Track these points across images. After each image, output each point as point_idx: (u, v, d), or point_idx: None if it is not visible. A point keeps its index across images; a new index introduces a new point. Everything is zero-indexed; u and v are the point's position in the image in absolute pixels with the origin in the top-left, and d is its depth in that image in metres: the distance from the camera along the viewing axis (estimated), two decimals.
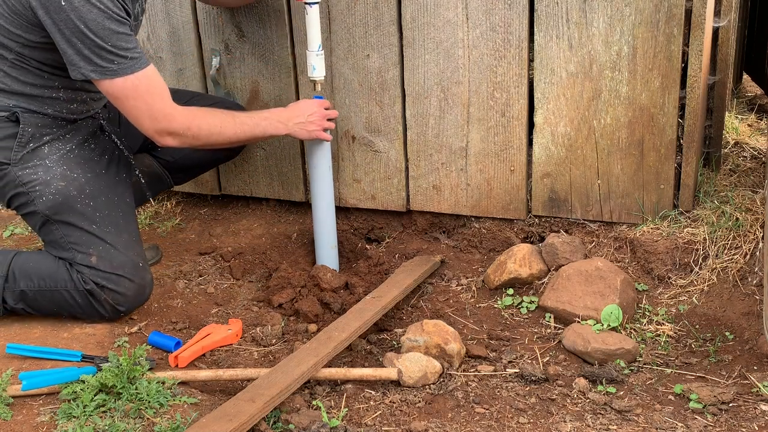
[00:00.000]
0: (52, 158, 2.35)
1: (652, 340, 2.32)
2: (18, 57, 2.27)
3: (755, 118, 3.55)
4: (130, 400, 1.99)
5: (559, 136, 2.61)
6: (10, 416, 1.96)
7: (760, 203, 2.54)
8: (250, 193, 3.11)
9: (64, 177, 2.34)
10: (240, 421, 1.82)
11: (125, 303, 2.36)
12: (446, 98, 2.69)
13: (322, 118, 2.56)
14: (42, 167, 2.33)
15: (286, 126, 2.51)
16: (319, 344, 2.19)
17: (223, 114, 2.41)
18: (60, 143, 2.38)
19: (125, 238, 2.39)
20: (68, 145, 2.39)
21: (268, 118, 2.49)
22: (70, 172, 2.36)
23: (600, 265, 2.45)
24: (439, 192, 2.82)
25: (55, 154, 2.36)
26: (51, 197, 2.32)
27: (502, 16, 2.53)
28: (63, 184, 2.33)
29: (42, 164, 2.34)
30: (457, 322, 2.49)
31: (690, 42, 2.39)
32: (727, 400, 2.00)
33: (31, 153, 2.34)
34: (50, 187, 2.33)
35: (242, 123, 2.43)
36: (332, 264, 2.76)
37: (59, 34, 2.15)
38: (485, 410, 2.04)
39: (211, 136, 2.38)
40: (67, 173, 2.35)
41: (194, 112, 2.36)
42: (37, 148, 2.34)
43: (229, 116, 2.41)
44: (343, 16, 2.71)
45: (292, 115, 2.52)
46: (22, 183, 2.33)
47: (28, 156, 2.33)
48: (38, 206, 2.33)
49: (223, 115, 2.41)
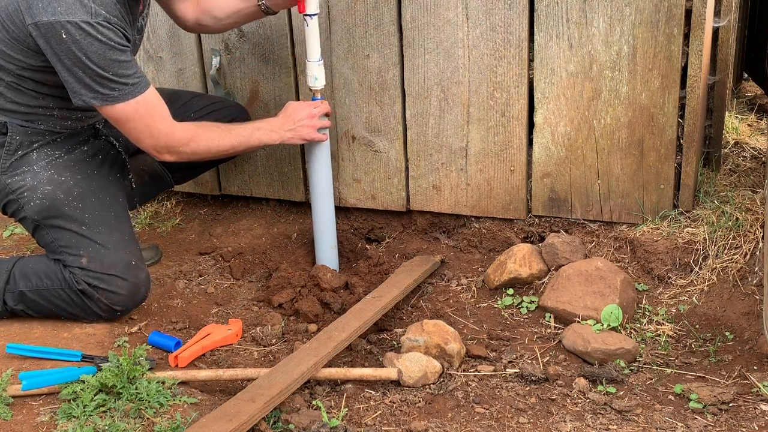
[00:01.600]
0: (40, 164, 2.37)
1: (652, 340, 2.32)
2: (15, 79, 2.28)
3: (755, 118, 3.55)
4: (130, 400, 1.99)
5: (559, 136, 2.61)
6: (10, 416, 1.96)
7: (760, 203, 2.54)
8: (250, 193, 3.11)
9: (51, 181, 2.36)
10: (240, 421, 1.82)
11: (120, 302, 2.36)
12: (446, 98, 2.69)
13: (312, 119, 2.56)
14: (30, 173, 2.35)
15: (278, 134, 2.53)
16: (319, 344, 2.19)
17: (219, 129, 2.43)
18: (49, 148, 2.39)
19: (117, 237, 2.39)
20: (58, 150, 2.41)
21: (262, 128, 2.51)
22: (58, 176, 2.37)
23: (600, 265, 2.45)
24: (439, 192, 2.82)
25: (43, 160, 2.37)
26: (38, 202, 2.34)
27: (502, 16, 2.53)
28: (50, 188, 2.35)
29: (30, 170, 2.36)
30: (457, 322, 2.49)
31: (690, 42, 2.39)
32: (727, 400, 2.00)
33: (19, 160, 2.36)
34: (37, 192, 2.34)
35: (238, 135, 2.46)
36: (332, 264, 2.76)
37: (60, 63, 2.16)
38: (485, 410, 2.04)
39: (209, 151, 2.43)
40: (54, 177, 2.36)
41: (192, 129, 2.38)
42: (26, 154, 2.36)
43: (225, 130, 2.44)
44: (343, 16, 2.71)
45: (283, 123, 2.54)
46: (12, 190, 2.36)
47: (16, 163, 2.36)
48: (27, 212, 2.36)
49: (219, 129, 2.43)
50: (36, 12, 2.12)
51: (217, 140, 2.41)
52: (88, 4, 2.11)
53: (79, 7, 2.10)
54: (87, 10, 2.11)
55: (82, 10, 2.10)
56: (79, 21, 2.10)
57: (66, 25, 2.09)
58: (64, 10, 2.09)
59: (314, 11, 2.48)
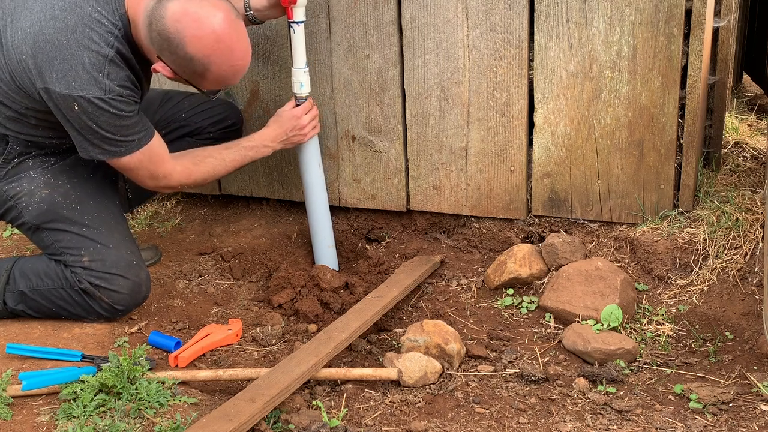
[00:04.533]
0: (37, 169, 2.38)
1: (652, 340, 2.32)
2: (16, 114, 2.29)
3: (755, 118, 3.55)
4: (130, 400, 1.99)
5: (559, 136, 2.61)
6: (10, 416, 1.96)
7: (760, 203, 2.54)
8: (250, 193, 3.11)
9: (48, 185, 2.37)
10: (240, 421, 1.82)
11: (122, 301, 2.36)
12: (446, 98, 2.69)
13: (303, 129, 2.59)
14: (26, 179, 2.37)
15: (270, 148, 2.57)
16: (319, 344, 2.19)
17: (213, 160, 2.47)
18: (45, 156, 2.41)
19: (117, 237, 2.40)
20: (53, 157, 2.43)
21: (254, 147, 2.54)
22: (54, 180, 2.38)
23: (600, 265, 2.45)
24: (439, 192, 2.82)
25: (39, 166, 2.39)
26: (36, 206, 2.35)
27: (502, 16, 2.53)
28: (47, 192, 2.36)
29: (26, 176, 2.37)
30: (457, 322, 2.49)
31: (690, 42, 2.39)
32: (727, 400, 2.00)
33: (16, 167, 2.37)
34: (34, 196, 2.35)
35: (232, 161, 2.51)
36: (331, 263, 2.76)
37: (69, 124, 2.19)
38: (485, 410, 2.04)
39: (205, 182, 2.52)
40: (51, 181, 2.38)
41: (189, 168, 2.41)
42: (22, 162, 2.38)
43: (219, 159, 2.48)
44: (343, 16, 2.71)
45: (275, 135, 2.56)
46: (10, 197, 2.37)
47: (13, 170, 2.37)
48: (26, 217, 2.37)
49: (213, 160, 2.47)
50: (48, 80, 2.12)
51: (212, 172, 2.47)
52: (102, 81, 2.11)
53: (93, 84, 2.11)
54: (101, 87, 2.12)
55: (96, 87, 2.11)
56: (93, 97, 2.11)
57: (79, 100, 2.11)
58: (78, 86, 2.10)
59: (301, 19, 2.50)
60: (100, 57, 2.11)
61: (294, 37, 2.52)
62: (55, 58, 2.10)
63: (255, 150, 2.54)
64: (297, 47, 2.54)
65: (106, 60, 2.12)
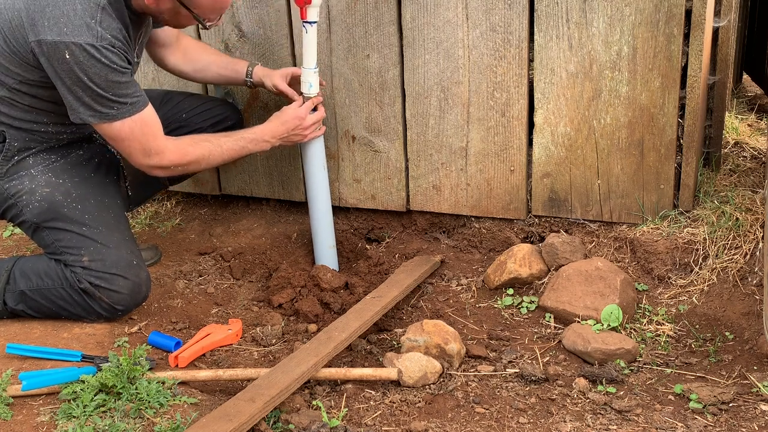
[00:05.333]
0: (38, 168, 2.38)
1: (652, 340, 2.32)
2: (10, 94, 2.28)
3: (755, 118, 3.55)
4: (130, 400, 1.99)
5: (559, 136, 2.61)
6: (10, 416, 1.96)
7: (760, 203, 2.54)
8: (250, 193, 3.11)
9: (49, 183, 2.36)
10: (240, 421, 1.82)
11: (122, 301, 2.36)
12: (446, 98, 2.69)
13: (305, 128, 2.57)
14: (27, 177, 2.36)
15: (269, 144, 2.55)
16: (319, 344, 2.19)
17: (210, 144, 2.44)
18: (46, 153, 2.41)
19: (117, 237, 2.40)
20: (54, 155, 2.42)
21: (254, 140, 2.52)
22: (56, 179, 2.38)
23: (600, 265, 2.45)
24: (439, 192, 2.82)
25: (40, 164, 2.38)
26: (37, 204, 2.35)
27: (502, 16, 2.53)
28: (48, 191, 2.35)
29: (27, 174, 2.37)
30: (457, 322, 2.49)
31: (690, 42, 2.39)
32: (727, 400, 2.00)
33: (16, 165, 2.37)
34: (35, 195, 2.35)
35: (229, 149, 2.47)
36: (331, 264, 2.76)
37: (60, 81, 2.17)
38: (485, 410, 2.04)
39: (198, 168, 2.48)
40: (52, 180, 2.37)
41: (184, 147, 2.38)
42: (23, 159, 2.37)
43: (216, 146, 2.45)
44: (343, 16, 2.71)
45: (276, 131, 2.54)
46: (10, 195, 2.36)
47: (13, 168, 2.37)
48: (26, 215, 2.36)
49: (210, 145, 2.44)
50: (40, 30, 2.11)
51: (207, 157, 2.43)
52: (94, 28, 2.11)
53: (85, 29, 2.10)
54: (93, 33, 2.11)
55: (89, 33, 2.10)
56: (84, 43, 2.10)
57: (70, 46, 2.10)
58: (70, 32, 2.09)
59: (314, 19, 2.48)
60: (92, 4, 2.11)
61: (306, 37, 2.51)
62: (47, 5, 2.10)
63: (254, 143, 2.51)
64: (308, 47, 2.52)
65: (98, 7, 2.12)
